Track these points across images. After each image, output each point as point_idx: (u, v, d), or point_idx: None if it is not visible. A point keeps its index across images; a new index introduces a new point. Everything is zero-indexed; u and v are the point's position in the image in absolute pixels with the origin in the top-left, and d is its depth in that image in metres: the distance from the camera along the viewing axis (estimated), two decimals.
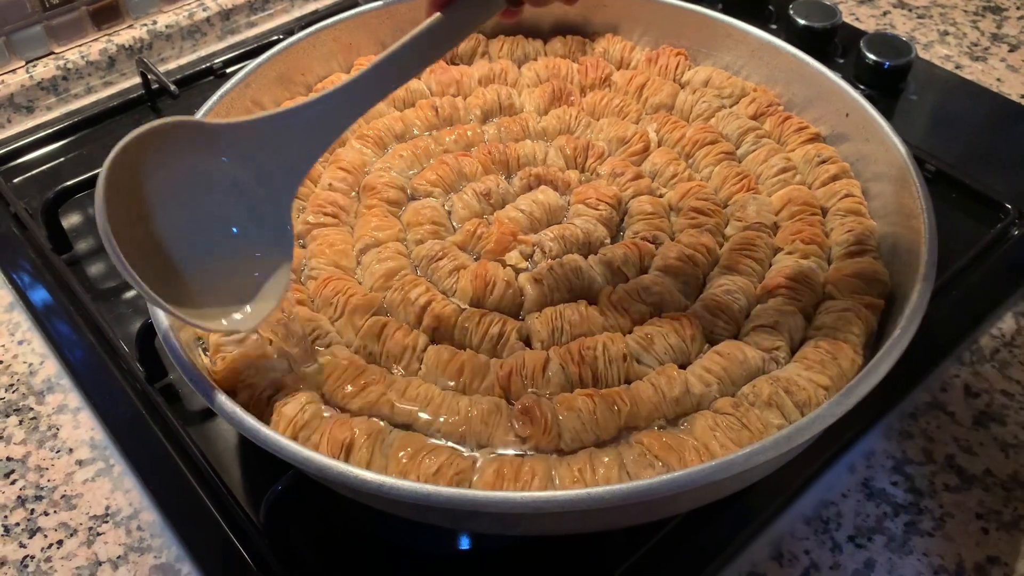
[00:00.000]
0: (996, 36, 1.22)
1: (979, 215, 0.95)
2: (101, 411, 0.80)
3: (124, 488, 0.75)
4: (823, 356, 0.67)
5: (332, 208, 0.81)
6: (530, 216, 0.81)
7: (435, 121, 0.91)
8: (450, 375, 0.68)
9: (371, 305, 0.73)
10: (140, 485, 0.75)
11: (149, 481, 0.74)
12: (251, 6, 1.24)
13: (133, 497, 0.74)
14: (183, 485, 0.73)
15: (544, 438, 0.63)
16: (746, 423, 0.62)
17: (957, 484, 0.75)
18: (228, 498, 0.71)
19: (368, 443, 0.62)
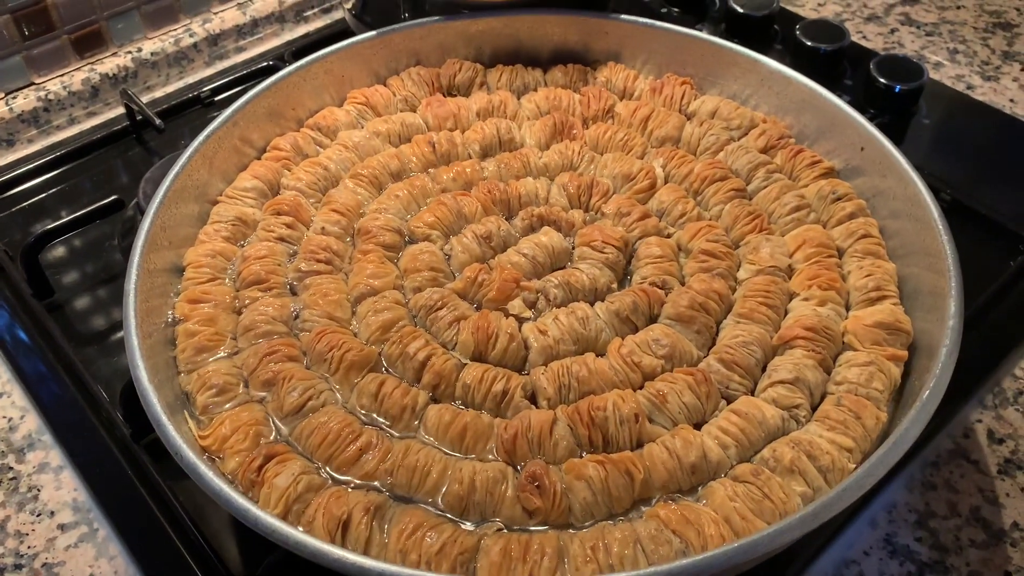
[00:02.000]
0: (1007, 54, 1.18)
1: (997, 246, 0.92)
2: (84, 470, 0.76)
3: (109, 555, 0.71)
4: (845, 416, 0.64)
5: (325, 254, 0.77)
6: (533, 260, 0.77)
7: (432, 158, 0.87)
8: (452, 439, 0.64)
9: (367, 361, 0.69)
10: (125, 551, 0.71)
11: (135, 547, 0.71)
12: (239, 31, 1.21)
13: (118, 564, 0.70)
14: (171, 552, 0.69)
15: (553, 512, 0.59)
16: (767, 492, 0.59)
17: (984, 539, 0.71)
18: (219, 567, 0.68)
19: (366, 519, 0.58)
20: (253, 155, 0.89)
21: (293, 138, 0.89)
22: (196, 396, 0.68)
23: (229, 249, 0.79)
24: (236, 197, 0.83)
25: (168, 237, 0.78)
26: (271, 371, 0.68)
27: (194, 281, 0.76)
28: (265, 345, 0.70)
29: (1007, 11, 1.26)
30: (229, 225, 0.80)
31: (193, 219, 0.81)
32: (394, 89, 0.95)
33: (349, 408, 0.67)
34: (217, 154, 0.84)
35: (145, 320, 0.70)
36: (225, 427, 0.65)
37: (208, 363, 0.70)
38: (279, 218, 0.81)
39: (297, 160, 0.88)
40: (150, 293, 0.73)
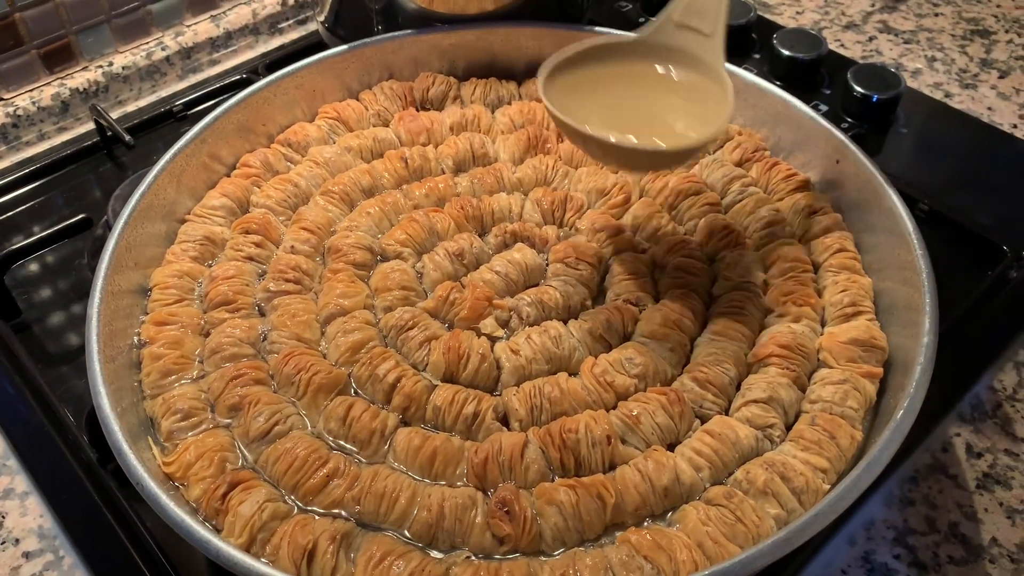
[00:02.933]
0: (985, 62, 1.18)
1: (975, 256, 0.91)
2: (50, 496, 0.74)
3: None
4: (820, 435, 0.63)
5: (294, 273, 0.76)
6: (506, 278, 0.76)
7: (405, 174, 0.86)
8: (421, 464, 0.63)
9: (336, 383, 0.68)
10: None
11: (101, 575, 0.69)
12: (213, 43, 1.19)
13: None
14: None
15: (524, 539, 0.58)
16: (740, 516, 0.58)
17: (963, 556, 0.71)
18: None
19: (332, 548, 0.57)
20: (223, 172, 0.87)
21: (263, 154, 0.88)
22: (161, 421, 0.67)
23: (197, 269, 0.78)
24: (204, 215, 0.82)
25: (134, 257, 0.76)
26: (237, 395, 0.67)
27: (161, 303, 0.75)
28: (231, 369, 0.68)
29: (985, 18, 1.26)
30: (197, 244, 0.79)
31: (160, 238, 0.80)
32: (366, 103, 0.94)
33: (316, 433, 0.66)
34: (185, 171, 0.83)
35: (109, 343, 0.69)
36: (190, 453, 0.64)
37: (174, 387, 0.69)
38: (248, 237, 0.79)
39: (267, 177, 0.86)
40: (115, 315, 0.72)
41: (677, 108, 0.76)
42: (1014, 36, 1.23)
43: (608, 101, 0.75)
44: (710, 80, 0.75)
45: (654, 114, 0.75)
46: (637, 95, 0.76)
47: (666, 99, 0.76)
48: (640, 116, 0.75)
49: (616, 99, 0.76)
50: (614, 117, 0.73)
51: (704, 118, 0.73)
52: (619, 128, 0.71)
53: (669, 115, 0.75)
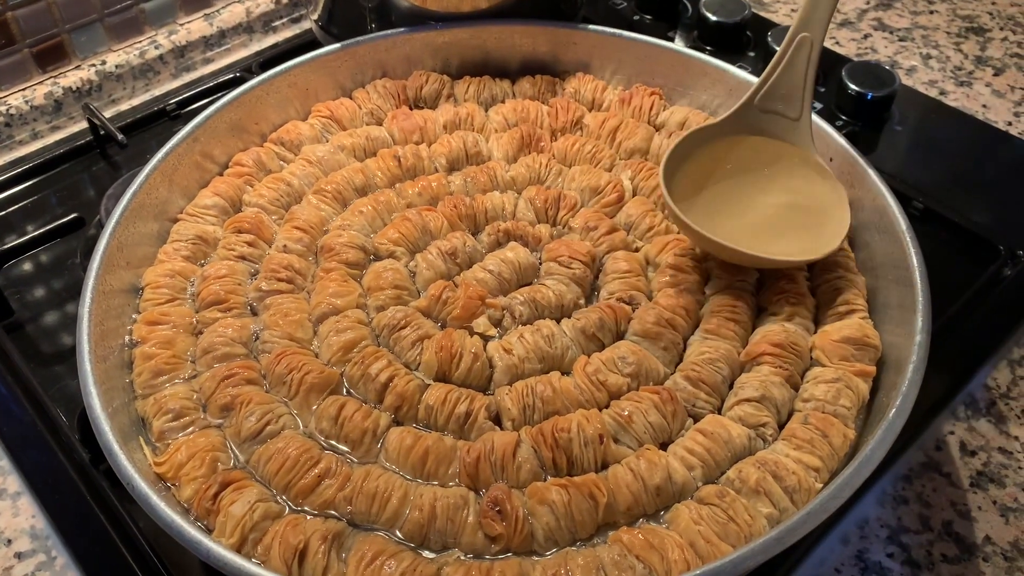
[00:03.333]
0: (980, 59, 1.18)
1: (969, 254, 0.91)
2: (43, 496, 0.74)
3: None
4: (812, 434, 0.63)
5: (287, 273, 0.76)
6: (499, 277, 0.76)
7: (398, 172, 0.86)
8: (413, 464, 0.63)
9: (328, 383, 0.68)
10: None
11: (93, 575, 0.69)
12: (206, 42, 1.19)
13: None
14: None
15: (515, 538, 0.58)
16: (732, 515, 0.58)
17: (956, 554, 0.70)
18: None
19: (324, 548, 0.57)
20: (215, 171, 0.87)
21: (256, 153, 0.87)
22: (152, 421, 0.67)
23: (189, 268, 0.77)
24: (197, 215, 0.82)
25: (126, 257, 0.76)
26: (229, 395, 0.66)
27: (152, 302, 0.74)
28: (223, 368, 0.68)
29: (980, 15, 1.26)
30: (189, 244, 0.79)
31: (152, 238, 0.80)
32: (359, 102, 0.94)
33: (308, 433, 0.66)
34: (177, 170, 0.83)
35: (100, 343, 0.69)
36: (181, 454, 0.63)
37: (165, 387, 0.69)
38: (240, 236, 0.79)
39: (260, 176, 0.86)
40: (106, 315, 0.71)
41: (793, 212, 0.77)
42: (1009, 33, 1.22)
43: (728, 205, 0.76)
44: (810, 169, 0.77)
45: (771, 218, 0.76)
46: (749, 193, 0.77)
47: (779, 199, 0.77)
48: (761, 220, 0.76)
49: (733, 200, 0.77)
50: (740, 226, 0.75)
51: (822, 223, 0.75)
52: (747, 233, 0.73)
53: (787, 219, 0.76)
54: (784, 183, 0.77)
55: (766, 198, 0.77)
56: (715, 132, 0.78)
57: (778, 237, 0.74)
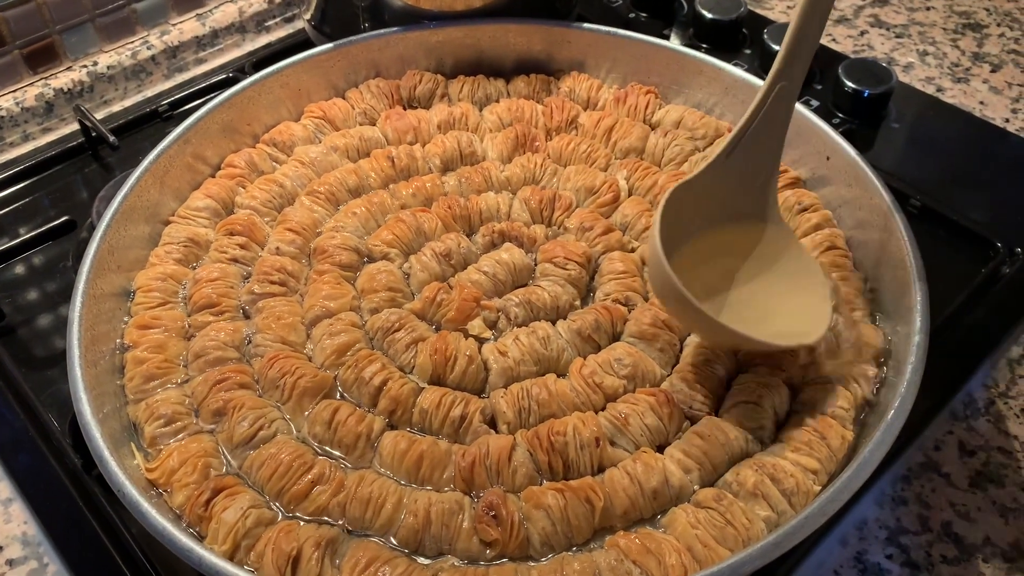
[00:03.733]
0: (977, 55, 1.18)
1: (967, 252, 0.90)
2: (34, 502, 0.73)
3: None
4: (810, 436, 0.62)
5: (280, 275, 0.75)
6: (494, 278, 0.75)
7: (392, 173, 0.85)
8: (408, 468, 0.62)
9: (321, 387, 0.67)
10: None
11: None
12: (199, 42, 1.18)
13: None
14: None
15: (511, 544, 0.57)
16: (730, 519, 0.57)
17: (956, 555, 0.70)
18: None
19: (317, 554, 0.56)
20: (207, 172, 0.86)
21: (248, 154, 0.87)
22: (144, 427, 0.66)
23: (181, 272, 0.77)
24: (188, 217, 0.81)
25: (117, 260, 0.75)
26: (221, 400, 0.66)
27: (144, 306, 0.74)
28: (215, 373, 0.68)
29: (976, 11, 1.25)
30: (181, 246, 0.78)
31: (144, 240, 0.79)
32: (353, 102, 0.93)
33: (302, 438, 0.65)
34: (169, 172, 0.82)
35: (91, 348, 0.68)
36: (173, 459, 0.63)
37: (157, 392, 0.68)
38: (232, 238, 0.78)
39: (252, 177, 0.85)
40: (97, 319, 0.71)
41: (781, 295, 0.69)
42: (1006, 29, 1.22)
43: (719, 282, 0.69)
44: (785, 244, 0.70)
45: (761, 301, 0.69)
46: (725, 263, 0.70)
47: (765, 279, 0.69)
48: (749, 301, 0.68)
49: (726, 280, 0.69)
50: (731, 304, 0.67)
51: (806, 306, 0.67)
52: (738, 315, 0.66)
53: (774, 300, 0.69)
54: (761, 260, 0.70)
55: (741, 271, 0.70)
56: (689, 188, 0.67)
57: (762, 317, 0.67)
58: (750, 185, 0.69)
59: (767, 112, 0.66)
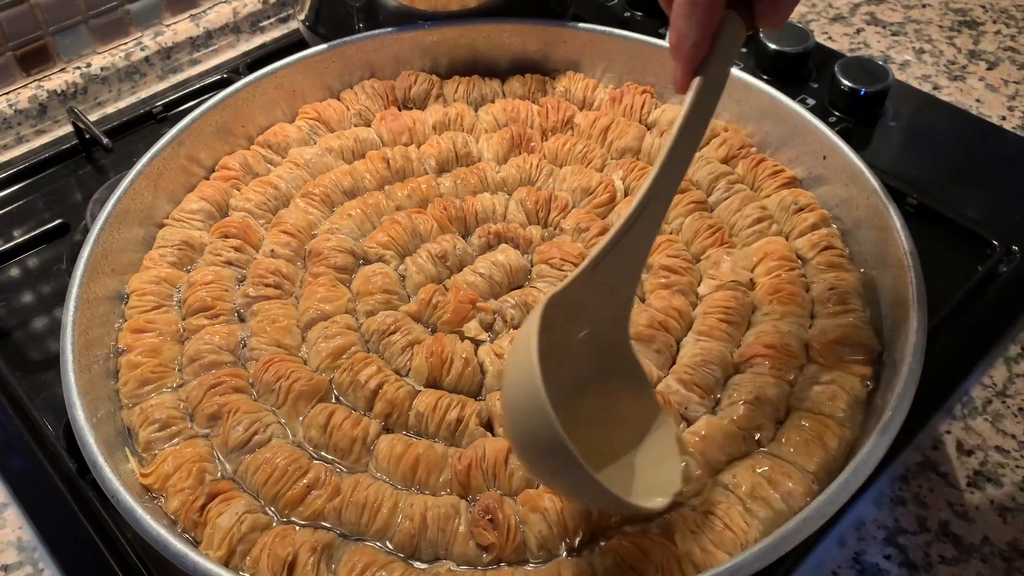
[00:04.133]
0: (973, 53, 1.17)
1: (965, 251, 0.90)
2: (29, 507, 0.73)
3: None
4: (808, 437, 0.62)
5: (275, 278, 0.75)
6: (490, 280, 0.75)
7: (387, 174, 0.85)
8: (404, 472, 0.62)
9: (317, 391, 0.67)
10: None
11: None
12: (193, 43, 1.18)
13: None
14: None
15: (508, 547, 0.57)
16: (728, 522, 0.57)
17: (954, 555, 0.70)
18: None
19: (313, 559, 0.56)
20: (201, 175, 0.86)
21: (242, 156, 0.86)
22: (138, 431, 0.66)
23: (175, 275, 0.76)
24: (183, 220, 0.81)
25: (111, 263, 0.75)
26: (216, 404, 0.65)
27: (138, 309, 0.73)
28: (210, 377, 0.67)
29: (972, 8, 1.25)
30: (175, 249, 0.78)
31: (138, 243, 0.79)
32: (347, 103, 0.93)
33: (297, 442, 0.65)
34: (163, 175, 0.82)
35: (85, 353, 0.68)
36: (167, 464, 0.62)
37: (151, 397, 0.68)
38: (227, 241, 0.78)
39: (247, 179, 0.85)
40: (91, 323, 0.70)
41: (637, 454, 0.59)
42: (1002, 27, 1.22)
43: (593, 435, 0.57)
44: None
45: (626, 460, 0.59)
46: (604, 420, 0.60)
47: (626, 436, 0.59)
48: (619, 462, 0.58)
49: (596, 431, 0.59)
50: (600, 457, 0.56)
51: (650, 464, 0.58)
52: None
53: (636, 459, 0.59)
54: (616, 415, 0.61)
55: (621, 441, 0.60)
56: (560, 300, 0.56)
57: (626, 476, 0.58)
58: (612, 301, 0.60)
59: (635, 228, 0.57)
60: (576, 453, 0.48)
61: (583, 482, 0.49)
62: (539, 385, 0.48)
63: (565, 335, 0.57)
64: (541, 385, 0.48)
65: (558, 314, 0.54)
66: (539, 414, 0.48)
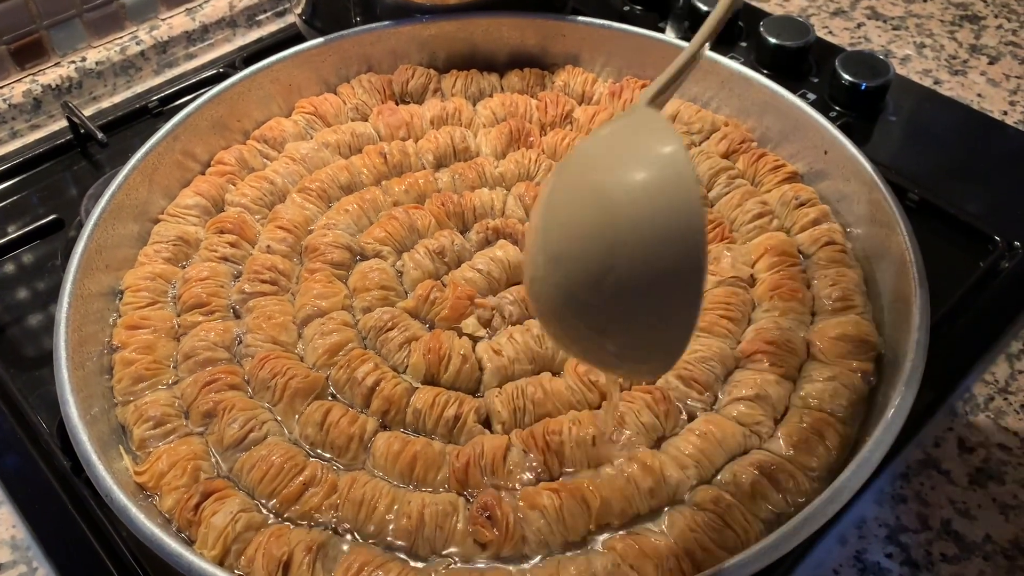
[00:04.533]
0: (975, 48, 1.17)
1: (966, 246, 0.89)
2: (23, 506, 0.72)
3: None
4: (808, 434, 0.61)
5: (271, 274, 0.74)
6: (488, 276, 0.74)
7: (384, 169, 0.84)
8: (401, 469, 0.62)
9: (313, 388, 0.66)
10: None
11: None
12: (189, 37, 1.17)
13: None
14: None
15: (506, 544, 0.57)
16: (728, 521, 0.57)
17: (956, 553, 0.69)
18: None
19: (308, 559, 0.56)
20: (197, 170, 0.85)
21: (238, 151, 0.85)
22: (133, 429, 0.65)
23: (170, 271, 0.76)
24: (178, 215, 0.80)
25: (105, 259, 0.74)
26: (211, 401, 0.65)
27: (133, 306, 0.73)
28: (205, 374, 0.67)
29: (974, 3, 1.24)
30: (170, 245, 0.77)
31: (133, 239, 0.78)
32: (344, 97, 0.92)
33: (293, 439, 0.65)
34: (158, 170, 0.81)
35: (78, 350, 0.67)
36: (162, 462, 0.62)
37: (146, 394, 0.67)
38: (222, 237, 0.77)
39: (242, 174, 0.84)
40: (85, 320, 0.70)
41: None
42: (1004, 21, 1.21)
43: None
44: None
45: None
46: None
47: None
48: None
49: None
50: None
51: None
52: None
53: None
54: None
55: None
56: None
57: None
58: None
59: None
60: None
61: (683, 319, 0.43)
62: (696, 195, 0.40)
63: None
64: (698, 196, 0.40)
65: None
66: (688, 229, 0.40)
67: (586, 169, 0.46)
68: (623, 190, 0.42)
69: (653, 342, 0.46)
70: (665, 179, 0.42)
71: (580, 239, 0.43)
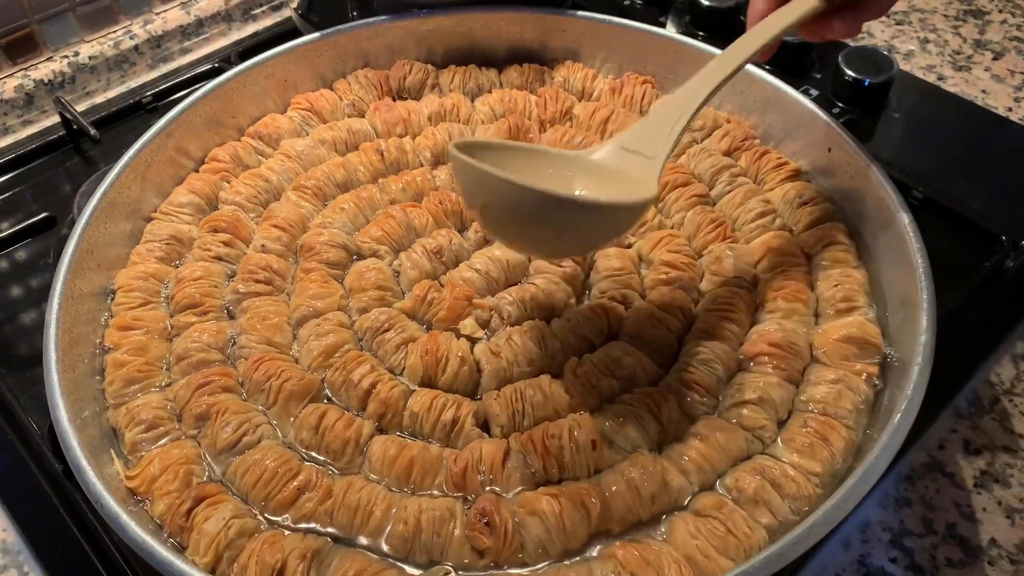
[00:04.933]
0: (979, 43, 1.15)
1: (970, 246, 0.88)
2: (14, 509, 0.71)
3: None
4: (812, 439, 0.61)
5: (265, 274, 0.73)
6: (486, 276, 0.73)
7: (381, 167, 0.83)
8: (398, 474, 0.61)
9: (308, 390, 0.65)
10: None
11: None
12: (183, 31, 1.15)
13: None
14: None
15: (505, 551, 0.56)
16: (731, 527, 0.56)
17: (961, 558, 0.68)
18: None
19: (303, 566, 0.55)
20: (190, 167, 0.84)
21: (233, 148, 0.84)
22: (124, 432, 0.64)
23: (163, 270, 0.75)
24: (171, 213, 0.79)
25: (97, 259, 0.73)
26: (204, 404, 0.64)
27: (125, 306, 0.72)
28: (198, 376, 0.66)
29: None
30: (163, 244, 0.76)
31: (125, 238, 0.77)
32: (340, 93, 0.91)
33: (288, 443, 0.63)
34: (151, 167, 0.80)
35: (69, 351, 0.66)
36: (154, 466, 0.61)
37: (138, 396, 0.66)
38: (216, 235, 0.76)
39: (237, 172, 0.83)
40: (76, 321, 0.69)
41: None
42: (1008, 16, 1.20)
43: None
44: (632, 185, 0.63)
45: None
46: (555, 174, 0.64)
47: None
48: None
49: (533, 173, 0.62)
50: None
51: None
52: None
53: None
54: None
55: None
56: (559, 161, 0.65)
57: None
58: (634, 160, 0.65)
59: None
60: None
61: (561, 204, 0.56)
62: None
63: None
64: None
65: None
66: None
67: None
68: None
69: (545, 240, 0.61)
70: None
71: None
